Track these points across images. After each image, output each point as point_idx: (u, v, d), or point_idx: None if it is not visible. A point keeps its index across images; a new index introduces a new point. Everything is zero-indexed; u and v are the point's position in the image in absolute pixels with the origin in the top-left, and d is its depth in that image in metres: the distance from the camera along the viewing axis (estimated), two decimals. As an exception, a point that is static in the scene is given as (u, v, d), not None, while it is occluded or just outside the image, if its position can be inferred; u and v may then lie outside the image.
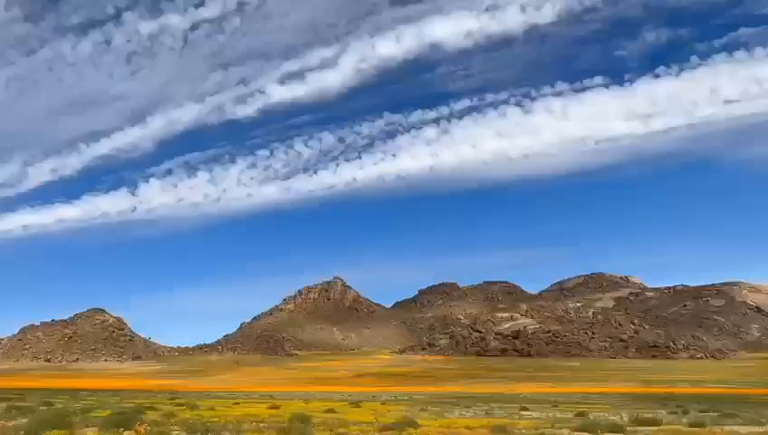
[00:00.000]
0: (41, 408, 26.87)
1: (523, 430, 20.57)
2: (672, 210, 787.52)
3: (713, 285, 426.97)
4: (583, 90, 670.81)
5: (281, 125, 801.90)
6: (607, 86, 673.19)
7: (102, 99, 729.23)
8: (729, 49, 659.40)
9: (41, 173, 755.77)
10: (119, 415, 20.26)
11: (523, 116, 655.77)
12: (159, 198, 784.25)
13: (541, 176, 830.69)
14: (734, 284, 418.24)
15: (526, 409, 44.04)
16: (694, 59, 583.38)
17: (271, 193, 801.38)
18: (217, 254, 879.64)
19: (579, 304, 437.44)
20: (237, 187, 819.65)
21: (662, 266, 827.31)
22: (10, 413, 24.37)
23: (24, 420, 18.56)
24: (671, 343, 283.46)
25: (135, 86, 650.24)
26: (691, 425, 24.36)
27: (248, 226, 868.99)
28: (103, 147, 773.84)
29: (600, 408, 47.49)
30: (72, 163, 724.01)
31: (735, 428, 23.66)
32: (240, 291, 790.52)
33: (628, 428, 21.85)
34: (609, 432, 19.59)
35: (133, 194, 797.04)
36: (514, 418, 31.38)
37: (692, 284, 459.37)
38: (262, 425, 21.70)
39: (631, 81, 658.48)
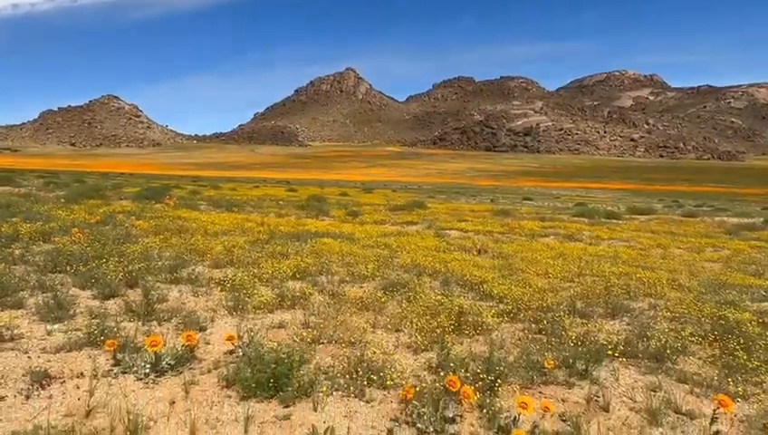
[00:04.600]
0: (75, 184, 28.83)
1: (524, 214, 22.03)
2: (707, 3, 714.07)
3: (739, 86, 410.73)
4: None
5: None
6: None
7: None
8: None
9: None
10: (148, 190, 21.76)
11: None
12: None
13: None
14: (762, 85, 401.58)
15: (529, 199, 46.55)
16: None
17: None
18: (223, 40, 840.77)
19: (596, 103, 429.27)
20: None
21: (689, 65, 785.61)
22: (48, 187, 26.27)
23: (63, 193, 20.07)
24: (681, 144, 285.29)
25: None
26: (684, 216, 25.89)
27: (249, 10, 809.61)
28: None
29: (600, 201, 50.05)
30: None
31: (725, 218, 25.13)
32: (251, 81, 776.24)
33: (624, 216, 23.29)
34: (606, 218, 20.93)
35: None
36: (516, 205, 33.36)
37: (718, 84, 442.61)
38: (281, 202, 23.37)
39: None
